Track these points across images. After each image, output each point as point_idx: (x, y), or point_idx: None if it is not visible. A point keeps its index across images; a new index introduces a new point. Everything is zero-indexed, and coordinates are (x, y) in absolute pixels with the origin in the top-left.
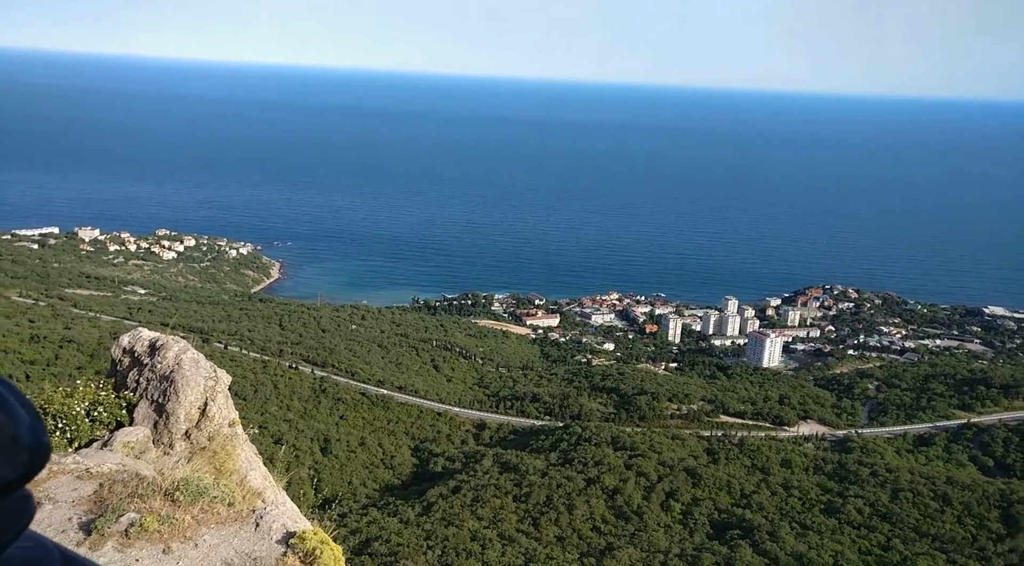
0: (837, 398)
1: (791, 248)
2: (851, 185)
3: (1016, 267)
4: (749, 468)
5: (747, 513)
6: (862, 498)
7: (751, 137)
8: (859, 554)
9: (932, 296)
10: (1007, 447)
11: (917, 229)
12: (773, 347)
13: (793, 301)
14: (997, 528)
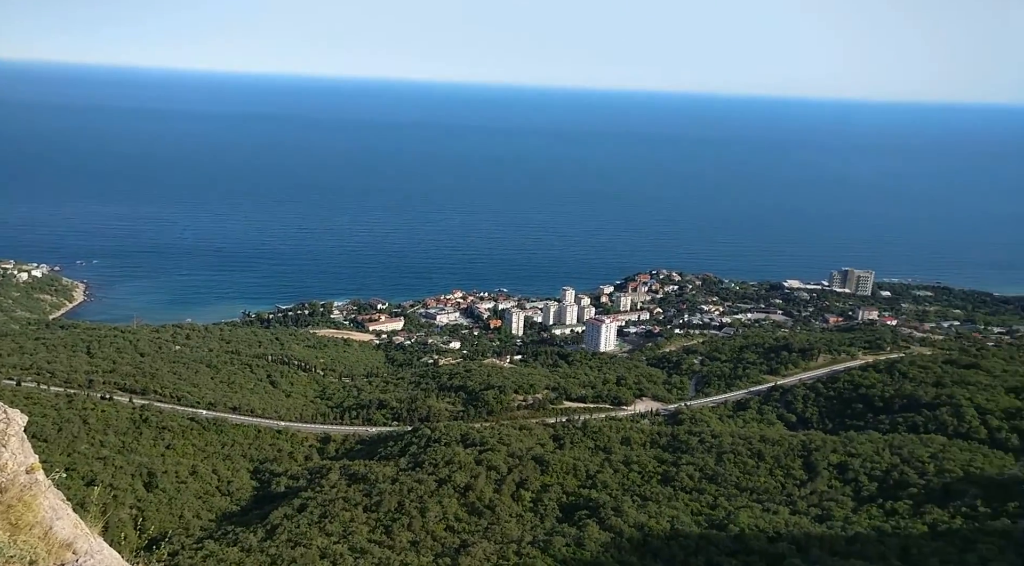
0: (668, 375)
1: (621, 238)
2: (671, 177)
3: (808, 244)
4: (593, 449)
5: (593, 492)
6: (693, 464)
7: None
8: (691, 516)
9: (743, 274)
10: (805, 403)
11: (728, 215)
12: (609, 332)
13: (624, 287)
14: (800, 475)
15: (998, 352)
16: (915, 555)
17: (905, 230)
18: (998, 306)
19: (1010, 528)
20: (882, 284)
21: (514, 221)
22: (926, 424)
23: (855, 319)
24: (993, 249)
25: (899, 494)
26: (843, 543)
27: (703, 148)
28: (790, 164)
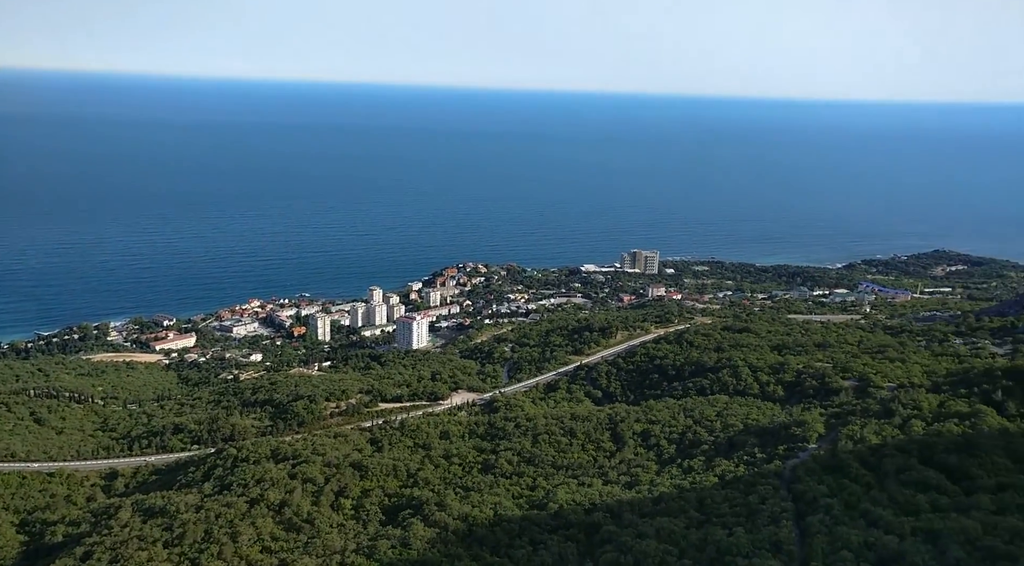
0: (481, 365)
1: (426, 233)
2: (470, 172)
3: (602, 230)
4: (412, 448)
5: (415, 491)
6: (511, 450)
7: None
8: (513, 499)
9: (544, 261)
10: (609, 378)
11: (528, 206)
12: (420, 329)
13: (433, 283)
14: (609, 446)
15: (763, 315)
16: (709, 504)
17: (682, 212)
18: (760, 275)
19: (780, 468)
20: (666, 262)
21: (312, 222)
22: (711, 386)
23: (646, 296)
24: (754, 226)
25: (693, 452)
26: (650, 504)
27: (490, 142)
28: (577, 155)
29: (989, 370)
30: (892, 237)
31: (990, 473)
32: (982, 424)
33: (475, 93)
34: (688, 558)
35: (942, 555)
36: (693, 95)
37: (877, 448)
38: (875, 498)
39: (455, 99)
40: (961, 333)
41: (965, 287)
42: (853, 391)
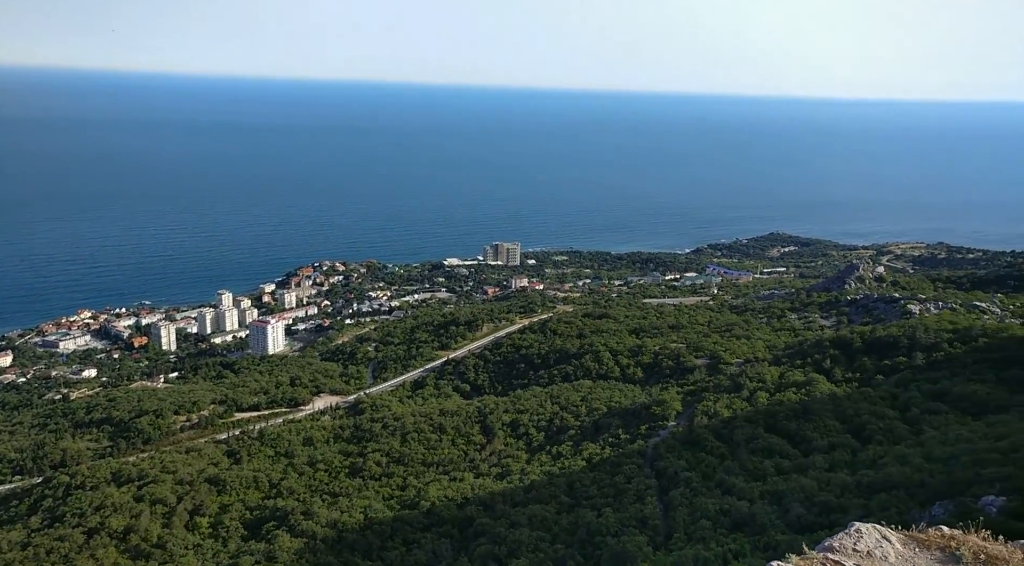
0: (344, 366)
1: (278, 233)
2: (324, 167)
3: (465, 223)
4: (274, 457)
5: (279, 501)
6: (379, 451)
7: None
8: (384, 501)
9: (405, 257)
10: (476, 371)
11: (388, 201)
12: (276, 333)
13: (287, 284)
14: (479, 439)
15: (620, 301)
16: (578, 488)
17: (541, 204)
18: (616, 262)
19: (643, 447)
20: (528, 254)
21: (151, 224)
22: (575, 372)
23: (510, 288)
24: (607, 215)
25: (561, 438)
26: (522, 493)
27: (346, 137)
28: (431, 148)
29: (819, 341)
30: (734, 222)
31: (823, 435)
32: (815, 391)
33: (337, 85)
34: (560, 542)
35: (785, 513)
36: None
37: (728, 421)
38: (728, 468)
39: (314, 92)
40: (795, 309)
41: (797, 266)
42: (706, 369)
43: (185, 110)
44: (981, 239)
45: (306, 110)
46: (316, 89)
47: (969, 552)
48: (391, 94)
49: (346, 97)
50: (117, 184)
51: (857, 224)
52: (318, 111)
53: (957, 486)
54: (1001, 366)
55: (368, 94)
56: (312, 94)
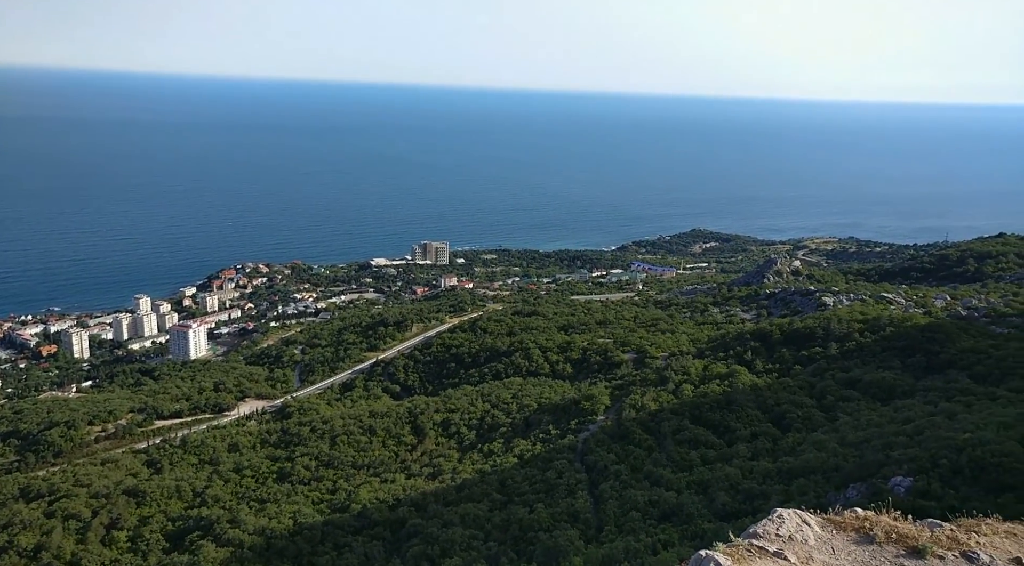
0: (270, 370)
1: (198, 234)
2: (246, 166)
3: (393, 223)
4: (197, 465)
5: (203, 510)
6: (308, 455)
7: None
8: (313, 506)
9: (331, 258)
10: (406, 372)
11: (313, 201)
12: (197, 337)
13: (209, 287)
14: (410, 440)
15: (549, 298)
16: (510, 485)
17: (470, 204)
18: (544, 260)
19: (574, 442)
20: (456, 252)
21: (59, 227)
22: (506, 370)
23: (439, 287)
24: (535, 214)
25: (493, 436)
26: (454, 492)
27: (273, 135)
28: (357, 147)
29: (740, 334)
30: (658, 220)
31: (746, 424)
32: (738, 382)
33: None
34: (493, 540)
35: (712, 502)
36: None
37: (656, 413)
38: (656, 459)
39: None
40: (717, 303)
41: (718, 262)
42: (633, 363)
43: (100, 107)
44: (887, 233)
45: (230, 108)
46: (244, 87)
47: (881, 532)
48: (322, 93)
49: (277, 95)
50: (20, 184)
51: (775, 220)
52: (241, 109)
53: (869, 469)
54: (907, 354)
55: (297, 93)
56: (239, 92)
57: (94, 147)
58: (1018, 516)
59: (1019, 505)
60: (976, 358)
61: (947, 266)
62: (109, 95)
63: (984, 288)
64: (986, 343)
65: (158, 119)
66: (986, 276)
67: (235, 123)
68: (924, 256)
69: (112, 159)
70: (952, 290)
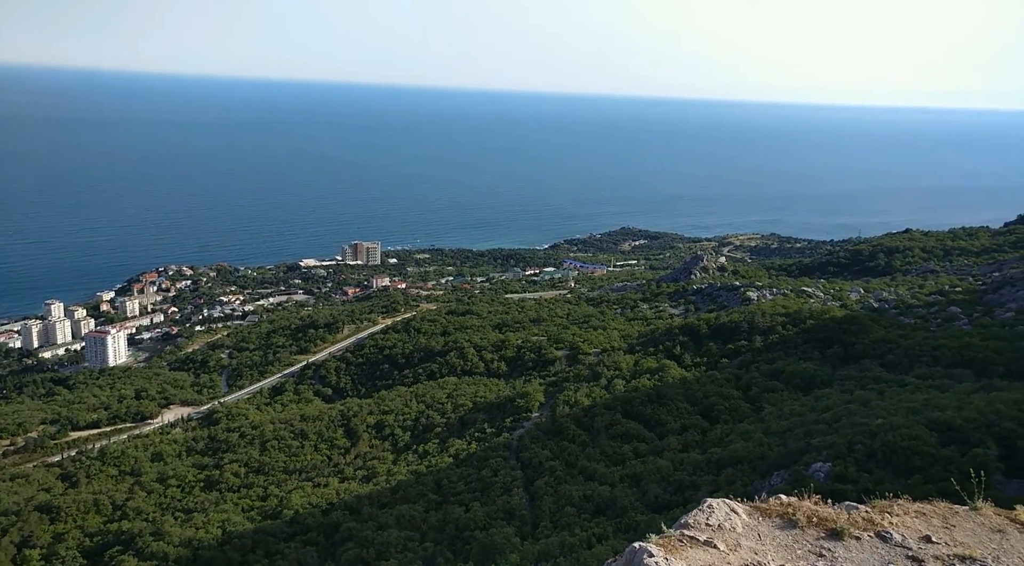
0: (196, 376)
1: (116, 237)
2: (167, 165)
3: (321, 224)
4: (117, 477)
5: (124, 524)
6: (237, 461)
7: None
8: (243, 513)
9: (259, 259)
10: (338, 374)
11: (239, 201)
12: (117, 344)
13: (129, 291)
14: (343, 443)
15: (483, 297)
16: (446, 485)
17: (402, 204)
18: (478, 259)
19: (509, 440)
20: (388, 252)
21: None
22: (440, 369)
23: (371, 288)
24: (470, 213)
25: (428, 436)
26: (389, 494)
27: (198, 134)
28: (285, 146)
29: (669, 329)
30: (589, 218)
31: (675, 417)
32: (668, 376)
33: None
34: (429, 540)
35: (644, 495)
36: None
37: (589, 409)
38: (590, 454)
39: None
40: (647, 299)
41: (647, 259)
42: (566, 360)
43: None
44: (807, 229)
45: (151, 105)
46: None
47: (803, 516)
48: (248, 91)
49: (205, 93)
50: None
51: (701, 218)
52: (173, 106)
53: (792, 456)
54: (825, 345)
55: (226, 91)
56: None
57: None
58: (926, 496)
59: (927, 486)
60: (887, 348)
61: (860, 260)
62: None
63: (893, 281)
64: (896, 333)
65: (76, 116)
66: (895, 270)
67: (158, 120)
68: (840, 251)
69: (19, 158)
70: (865, 283)
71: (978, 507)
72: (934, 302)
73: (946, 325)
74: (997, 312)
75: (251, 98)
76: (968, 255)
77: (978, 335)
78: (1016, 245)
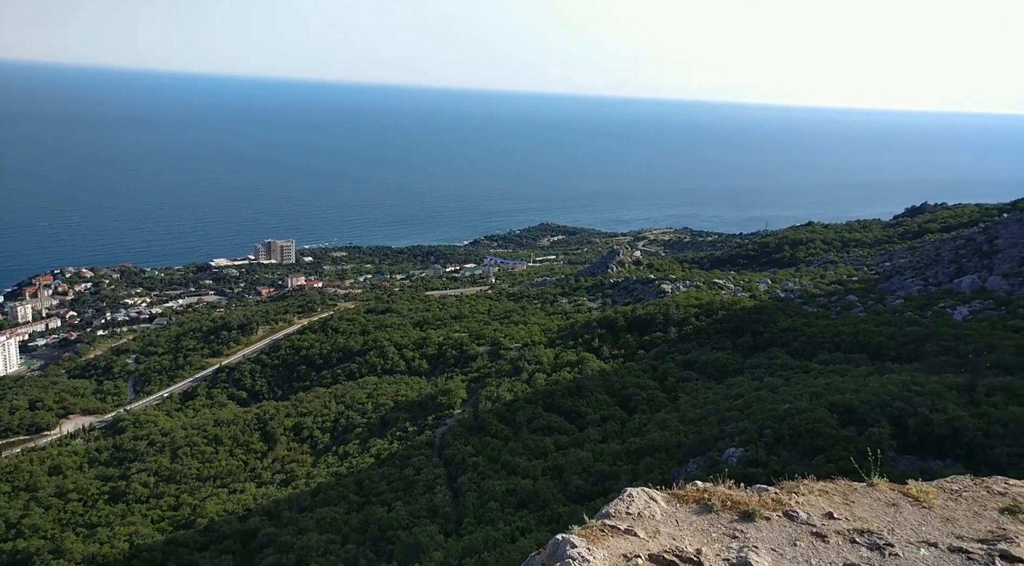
0: (98, 383)
1: (4, 237)
2: (62, 160)
3: (232, 222)
4: (11, 493)
5: (20, 542)
6: (145, 471)
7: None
8: (152, 524)
9: (166, 259)
10: (254, 377)
11: (143, 199)
12: (7, 351)
13: (20, 295)
14: (260, 447)
15: (403, 294)
16: (368, 485)
17: (317, 201)
18: (397, 256)
19: (431, 438)
20: (303, 251)
21: None
22: (360, 369)
23: (286, 287)
24: (387, 210)
25: (348, 437)
26: (309, 498)
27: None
28: (190, 141)
29: (588, 322)
30: (509, 214)
31: (595, 409)
32: (587, 369)
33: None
34: (351, 542)
35: (566, 487)
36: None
37: (511, 403)
38: (513, 448)
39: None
40: (566, 293)
41: (566, 254)
42: (487, 355)
43: None
44: (719, 223)
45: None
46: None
47: (718, 501)
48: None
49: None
50: None
51: (617, 212)
52: (80, 100)
53: (706, 443)
54: (736, 335)
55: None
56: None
57: None
58: (829, 475)
59: (829, 465)
60: (793, 336)
61: (767, 252)
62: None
63: (798, 272)
64: (800, 322)
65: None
66: (799, 261)
67: (58, 114)
68: (748, 244)
69: None
70: (772, 274)
71: (874, 483)
72: (834, 291)
73: (845, 313)
74: (888, 299)
75: (173, 93)
76: (863, 246)
77: (872, 321)
78: (904, 236)
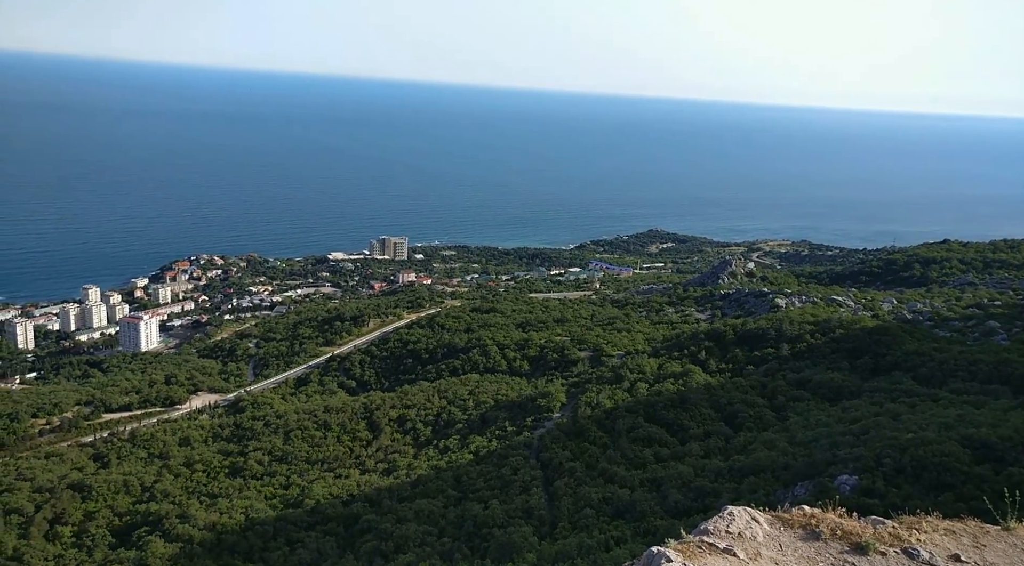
0: (223, 364)
1: (153, 225)
2: (202, 157)
3: (350, 218)
4: (147, 459)
5: (152, 505)
6: (261, 450)
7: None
8: (265, 501)
9: (288, 251)
10: (363, 367)
11: (270, 194)
12: (149, 329)
13: (161, 278)
14: (365, 436)
15: (507, 295)
16: (465, 481)
17: (430, 200)
18: (503, 257)
19: (530, 439)
20: (415, 248)
21: (5, 215)
22: (463, 366)
23: (397, 283)
24: (497, 211)
25: (449, 432)
26: (408, 488)
27: (231, 126)
28: (317, 140)
29: (695, 334)
30: (617, 219)
31: (698, 423)
32: (691, 381)
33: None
34: (448, 536)
35: (664, 499)
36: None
37: (611, 411)
38: (611, 457)
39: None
40: (673, 302)
41: (674, 262)
42: (589, 361)
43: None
44: (842, 236)
45: (185, 97)
46: (198, 75)
47: (827, 529)
48: (279, 84)
49: (233, 85)
50: None
51: (735, 222)
52: (195, 98)
53: (817, 467)
54: (855, 355)
55: (256, 84)
56: (192, 80)
57: (43, 132)
58: (957, 514)
59: (958, 503)
60: (920, 361)
61: (894, 270)
62: (60, 79)
63: (929, 292)
64: (929, 346)
65: (102, 104)
66: (931, 281)
67: (190, 112)
68: (873, 260)
69: (64, 145)
70: (899, 294)
71: (1011, 527)
72: (971, 315)
73: (983, 339)
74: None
75: (256, 90)
76: (1009, 268)
77: (1017, 351)
78: None
